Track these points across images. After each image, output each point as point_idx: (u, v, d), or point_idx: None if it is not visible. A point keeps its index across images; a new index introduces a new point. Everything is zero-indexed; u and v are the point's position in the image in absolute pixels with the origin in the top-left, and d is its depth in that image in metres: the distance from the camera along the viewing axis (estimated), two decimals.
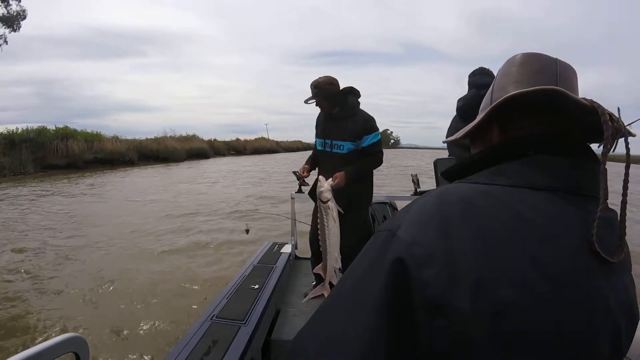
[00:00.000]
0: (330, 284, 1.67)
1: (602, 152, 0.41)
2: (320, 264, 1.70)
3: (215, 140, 32.92)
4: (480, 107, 0.56)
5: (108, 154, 19.23)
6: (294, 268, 2.62)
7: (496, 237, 0.37)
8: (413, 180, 2.70)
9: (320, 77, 2.03)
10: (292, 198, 2.71)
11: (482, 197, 0.40)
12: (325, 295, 1.65)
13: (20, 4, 18.19)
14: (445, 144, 1.32)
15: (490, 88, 0.54)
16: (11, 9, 18.07)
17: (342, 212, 1.65)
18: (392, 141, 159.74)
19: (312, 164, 2.29)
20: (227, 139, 35.94)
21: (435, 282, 0.35)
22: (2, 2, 17.73)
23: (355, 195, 2.04)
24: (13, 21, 18.26)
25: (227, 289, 1.91)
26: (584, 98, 0.42)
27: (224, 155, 31.31)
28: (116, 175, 15.68)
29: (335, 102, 2.05)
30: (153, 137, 24.87)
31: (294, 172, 2.29)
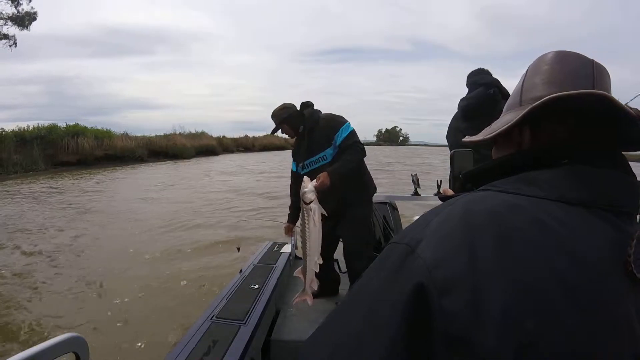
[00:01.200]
0: (317, 288, 1.64)
1: None
2: (300, 267, 1.65)
3: (224, 137, 33.11)
4: (506, 106, 0.52)
5: (118, 151, 19.48)
6: (294, 268, 2.63)
7: (526, 260, 0.34)
8: (413, 180, 2.62)
9: (274, 109, 2.07)
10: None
11: (512, 213, 0.37)
12: (309, 301, 1.62)
13: (31, 4, 18.37)
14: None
15: (519, 86, 0.50)
16: (21, 9, 18.27)
17: (327, 215, 1.60)
18: (401, 138, 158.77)
19: (296, 214, 2.19)
20: (236, 136, 36.09)
21: (457, 313, 0.33)
22: (12, 2, 17.92)
23: (350, 192, 2.00)
24: (23, 21, 18.45)
25: (227, 289, 1.89)
26: (629, 107, 0.40)
27: (232, 152, 31.48)
28: (125, 171, 15.80)
29: (296, 122, 2.05)
30: (162, 134, 25.19)
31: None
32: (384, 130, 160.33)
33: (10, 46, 18.51)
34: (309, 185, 1.58)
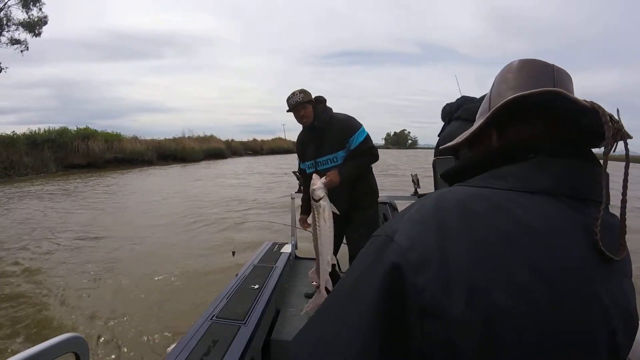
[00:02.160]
0: (327, 289, 1.60)
1: (603, 153, 0.41)
2: (314, 268, 1.64)
3: (232, 140, 33.19)
4: (478, 114, 0.56)
5: (127, 153, 19.61)
6: (294, 268, 2.63)
7: (492, 242, 0.37)
8: (413, 180, 2.66)
9: (295, 90, 1.97)
10: (292, 198, 2.72)
11: (479, 202, 0.40)
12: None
13: (42, 10, 18.68)
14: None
15: (488, 95, 0.54)
16: (32, 14, 18.60)
17: (338, 213, 1.61)
18: (409, 141, 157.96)
19: (307, 205, 2.10)
20: (245, 139, 36.30)
21: (429, 287, 0.35)
22: (23, 8, 18.25)
23: (357, 194, 2.01)
24: (34, 27, 18.77)
25: (227, 289, 1.89)
26: (583, 99, 0.42)
27: (241, 155, 31.48)
28: (134, 174, 15.87)
29: (315, 110, 1.97)
30: (172, 137, 25.36)
31: (294, 172, 2.26)
32: (392, 133, 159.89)
33: (21, 51, 18.87)
34: (317, 183, 1.58)
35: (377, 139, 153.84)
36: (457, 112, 1.84)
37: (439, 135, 1.93)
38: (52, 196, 9.60)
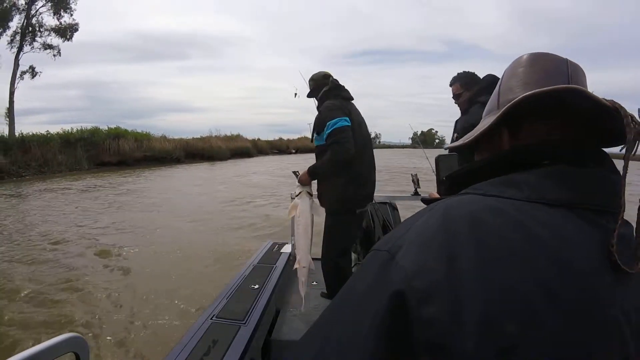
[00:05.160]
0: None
1: (624, 157, 0.39)
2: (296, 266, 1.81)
3: (258, 139, 33.15)
4: (485, 111, 0.53)
5: (156, 152, 19.80)
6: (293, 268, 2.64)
7: (506, 265, 0.34)
8: (413, 180, 2.63)
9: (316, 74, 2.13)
10: (292, 198, 2.72)
11: (492, 217, 0.36)
12: (302, 291, 1.80)
13: (72, 16, 19.37)
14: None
15: (496, 91, 0.51)
16: (64, 21, 19.26)
17: (320, 215, 1.83)
18: (437, 141, 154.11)
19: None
20: (271, 138, 36.08)
21: (436, 321, 0.32)
22: (54, 15, 18.94)
23: (322, 198, 2.02)
24: (65, 32, 19.43)
25: (227, 289, 1.89)
26: (605, 99, 0.39)
27: (266, 154, 31.34)
28: (164, 172, 16.01)
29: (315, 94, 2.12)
30: (199, 136, 25.47)
31: (294, 172, 2.34)
32: (419, 132, 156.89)
33: (54, 55, 19.56)
34: (297, 181, 1.77)
35: (404, 138, 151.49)
36: (485, 95, 1.78)
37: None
38: (92, 189, 9.78)
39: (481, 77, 2.14)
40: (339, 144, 1.82)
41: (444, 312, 0.32)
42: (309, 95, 2.18)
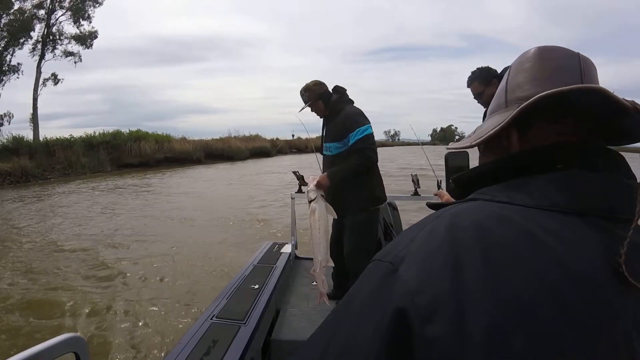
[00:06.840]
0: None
1: None
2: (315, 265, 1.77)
3: (277, 139, 32.90)
4: (489, 109, 0.50)
5: (177, 153, 19.87)
6: (294, 268, 2.61)
7: (514, 279, 0.32)
8: (413, 180, 2.63)
9: (308, 83, 2.08)
10: (292, 198, 2.71)
11: (502, 227, 0.35)
12: (325, 301, 1.79)
13: (92, 24, 19.80)
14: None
15: (502, 87, 0.47)
16: (83, 28, 19.65)
17: (336, 216, 1.81)
18: (456, 137, 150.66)
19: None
20: (290, 137, 35.78)
21: (440, 338, 0.31)
22: (74, 24, 19.34)
23: (348, 198, 1.99)
24: (85, 40, 19.83)
25: (227, 289, 1.88)
26: (625, 99, 0.37)
27: (285, 153, 31.08)
28: (185, 172, 16.07)
29: (327, 102, 2.05)
30: (218, 137, 25.53)
31: (294, 172, 2.38)
32: (438, 129, 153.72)
33: (75, 62, 19.96)
34: (311, 185, 1.75)
35: (424, 135, 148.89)
36: None
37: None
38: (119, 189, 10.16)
39: (498, 72, 2.15)
40: (371, 150, 1.91)
41: (448, 329, 0.30)
42: (326, 101, 2.05)
